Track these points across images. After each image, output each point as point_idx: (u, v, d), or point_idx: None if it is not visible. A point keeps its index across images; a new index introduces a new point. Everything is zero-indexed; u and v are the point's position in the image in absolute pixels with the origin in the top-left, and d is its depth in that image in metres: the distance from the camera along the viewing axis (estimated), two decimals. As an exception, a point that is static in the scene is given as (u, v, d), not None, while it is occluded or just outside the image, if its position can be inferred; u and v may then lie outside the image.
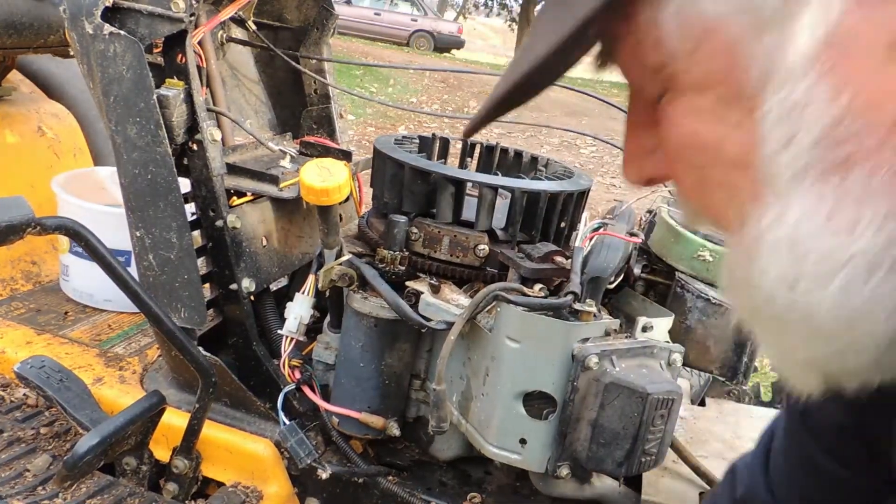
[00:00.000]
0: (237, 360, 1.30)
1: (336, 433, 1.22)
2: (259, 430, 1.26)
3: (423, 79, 11.26)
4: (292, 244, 1.42)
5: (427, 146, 1.40)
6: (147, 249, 1.19)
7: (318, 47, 1.58)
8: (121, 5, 1.11)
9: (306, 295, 1.24)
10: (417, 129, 8.13)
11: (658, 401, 0.97)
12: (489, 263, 1.15)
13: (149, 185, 1.16)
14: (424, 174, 1.15)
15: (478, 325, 1.07)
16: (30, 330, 1.52)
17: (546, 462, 1.04)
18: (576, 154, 8.37)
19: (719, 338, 1.10)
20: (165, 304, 1.19)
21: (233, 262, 1.23)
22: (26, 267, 1.80)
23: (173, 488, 1.24)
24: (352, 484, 1.22)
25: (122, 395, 1.33)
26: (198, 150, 1.19)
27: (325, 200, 1.15)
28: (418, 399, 1.22)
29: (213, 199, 1.21)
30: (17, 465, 1.19)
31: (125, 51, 1.10)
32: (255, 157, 1.36)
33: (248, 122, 1.51)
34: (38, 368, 1.18)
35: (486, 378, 1.04)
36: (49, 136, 1.96)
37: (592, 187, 1.27)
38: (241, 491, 1.22)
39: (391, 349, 1.16)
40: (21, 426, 1.28)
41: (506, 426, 1.03)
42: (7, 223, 0.90)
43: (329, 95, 1.61)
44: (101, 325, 1.61)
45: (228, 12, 1.28)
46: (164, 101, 1.12)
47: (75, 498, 1.14)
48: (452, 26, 19.11)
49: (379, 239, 1.17)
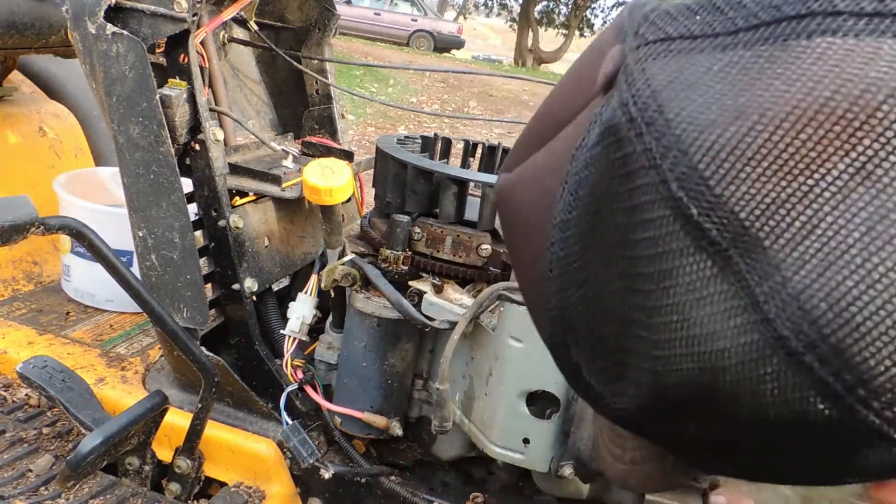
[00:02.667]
0: (239, 360, 1.30)
1: (338, 433, 1.22)
2: (261, 429, 1.26)
3: (423, 79, 11.27)
4: (294, 244, 1.42)
5: (429, 146, 1.40)
6: (149, 249, 1.19)
7: (320, 47, 1.58)
8: (123, 5, 1.11)
9: (309, 295, 1.24)
10: (417, 129, 8.13)
11: (661, 400, 0.97)
12: (492, 263, 1.15)
13: (151, 185, 1.16)
14: (427, 174, 1.15)
15: (481, 325, 1.07)
16: (31, 330, 1.52)
17: (549, 462, 1.04)
18: (576, 154, 8.35)
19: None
20: (168, 304, 1.19)
21: (235, 262, 1.23)
22: (28, 267, 1.80)
23: (176, 488, 1.24)
24: (354, 484, 1.22)
25: (124, 396, 1.33)
26: (200, 150, 1.19)
27: (328, 200, 1.15)
28: (421, 399, 1.22)
29: (216, 199, 1.21)
30: (19, 466, 1.19)
31: (128, 51, 1.10)
32: (258, 157, 1.36)
33: (250, 123, 1.51)
34: (40, 368, 1.18)
35: (490, 378, 1.05)
36: (50, 137, 1.96)
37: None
38: (244, 491, 1.22)
39: (394, 349, 1.16)
40: (23, 426, 1.28)
41: (509, 426, 1.03)
42: (11, 223, 0.90)
43: (330, 95, 1.61)
44: (103, 326, 1.61)
45: (230, 12, 1.28)
46: (166, 100, 1.12)
47: (78, 498, 1.14)
48: (452, 26, 19.12)
49: (381, 239, 1.17)
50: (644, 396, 0.39)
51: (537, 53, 21.50)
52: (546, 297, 0.42)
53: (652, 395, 0.38)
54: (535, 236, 0.43)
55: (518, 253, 0.48)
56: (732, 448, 0.38)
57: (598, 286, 0.39)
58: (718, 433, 0.37)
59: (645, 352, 0.37)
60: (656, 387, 0.38)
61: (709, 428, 0.37)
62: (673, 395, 0.37)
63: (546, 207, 0.41)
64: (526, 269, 0.46)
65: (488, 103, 10.88)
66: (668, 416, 0.39)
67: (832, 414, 0.31)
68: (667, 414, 0.38)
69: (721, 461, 0.41)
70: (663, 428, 0.41)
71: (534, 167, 0.45)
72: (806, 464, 0.36)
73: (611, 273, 0.38)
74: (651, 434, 0.43)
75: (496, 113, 10.24)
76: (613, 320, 0.39)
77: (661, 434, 0.42)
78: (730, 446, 0.38)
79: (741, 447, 0.37)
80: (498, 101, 11.17)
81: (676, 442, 0.41)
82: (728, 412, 0.35)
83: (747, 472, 0.40)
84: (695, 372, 0.35)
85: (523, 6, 22.10)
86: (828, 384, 0.31)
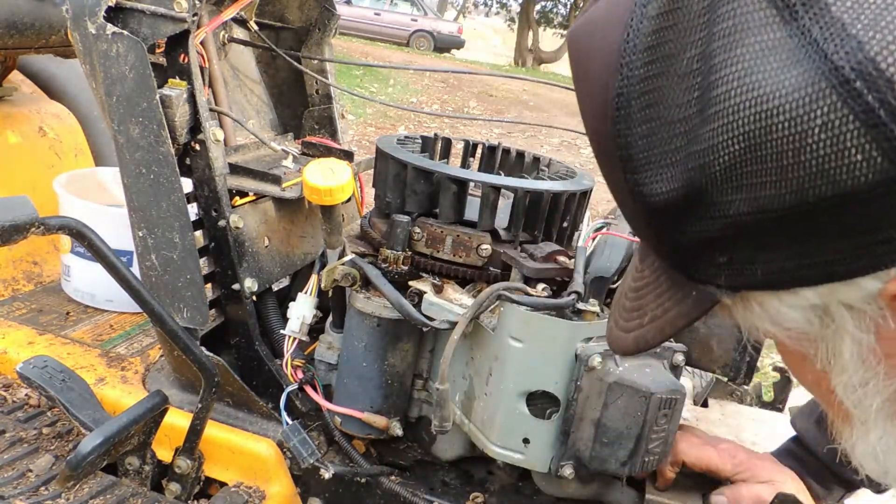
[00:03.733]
0: (239, 360, 1.30)
1: (338, 433, 1.22)
2: (261, 430, 1.26)
3: (423, 79, 11.27)
4: (294, 244, 1.42)
5: (429, 146, 1.40)
6: (149, 249, 1.19)
7: (320, 47, 1.58)
8: (123, 5, 1.11)
9: (309, 295, 1.24)
10: (417, 129, 8.13)
11: (661, 400, 0.97)
12: (492, 263, 1.15)
13: (151, 185, 1.16)
14: (427, 174, 1.15)
15: (481, 325, 1.07)
16: (31, 330, 1.52)
17: (549, 462, 1.04)
18: (576, 154, 8.37)
19: (722, 337, 1.11)
20: (168, 304, 1.19)
21: (235, 262, 1.23)
22: (27, 267, 1.80)
23: (176, 488, 1.24)
24: (354, 484, 1.22)
25: (124, 396, 1.33)
26: (200, 150, 1.19)
27: (328, 200, 1.15)
28: (421, 399, 1.22)
29: (216, 199, 1.21)
30: (19, 466, 1.19)
31: (128, 51, 1.10)
32: (258, 158, 1.36)
33: (250, 123, 1.51)
34: (40, 368, 1.18)
35: (490, 378, 1.05)
36: (50, 137, 1.96)
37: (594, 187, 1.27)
38: (244, 491, 1.22)
39: (394, 349, 1.16)
40: (23, 426, 1.28)
41: (509, 426, 1.03)
42: (11, 223, 0.90)
43: (331, 96, 1.61)
44: (103, 326, 1.61)
45: (230, 12, 1.28)
46: (166, 101, 1.12)
47: (78, 498, 1.14)
48: (452, 26, 19.13)
49: (381, 239, 1.17)
50: (693, 171, 0.43)
51: (537, 53, 21.51)
52: (611, 84, 0.48)
53: (701, 168, 0.43)
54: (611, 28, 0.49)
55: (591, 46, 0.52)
56: (768, 227, 0.42)
57: (669, 60, 0.45)
58: (759, 204, 0.41)
59: (702, 119, 0.42)
60: (707, 156, 0.42)
61: (749, 200, 0.41)
62: (723, 159, 0.41)
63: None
64: (595, 61, 0.51)
65: (488, 103, 10.88)
66: (717, 192, 0.43)
67: (869, 150, 0.36)
68: (717, 188, 0.43)
69: (753, 247, 0.44)
70: (707, 210, 0.44)
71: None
72: (835, 240, 0.41)
73: (690, 38, 0.44)
74: (691, 222, 0.46)
75: (496, 113, 10.24)
76: (679, 89, 0.44)
77: (702, 220, 0.45)
78: (766, 224, 0.42)
79: (781, 223, 0.41)
80: (498, 101, 11.16)
81: (716, 227, 0.45)
82: (773, 169, 0.40)
83: (779, 260, 0.44)
84: (749, 122, 0.40)
85: (523, 6, 22.10)
86: (873, 111, 0.36)
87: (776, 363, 1.95)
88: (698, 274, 0.50)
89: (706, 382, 1.48)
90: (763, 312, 0.49)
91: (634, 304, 0.59)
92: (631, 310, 0.60)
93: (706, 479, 1.13)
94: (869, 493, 1.17)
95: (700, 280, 0.50)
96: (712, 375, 1.48)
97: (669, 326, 0.56)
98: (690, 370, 1.42)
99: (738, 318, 0.52)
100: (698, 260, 0.49)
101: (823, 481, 1.14)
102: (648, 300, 0.58)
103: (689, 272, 0.51)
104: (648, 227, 0.52)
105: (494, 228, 1.17)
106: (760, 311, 0.49)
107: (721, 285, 0.49)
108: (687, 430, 1.16)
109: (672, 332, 0.56)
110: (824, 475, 1.14)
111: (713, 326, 1.10)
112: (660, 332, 0.56)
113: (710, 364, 1.13)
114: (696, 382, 1.46)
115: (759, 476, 1.08)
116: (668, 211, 0.47)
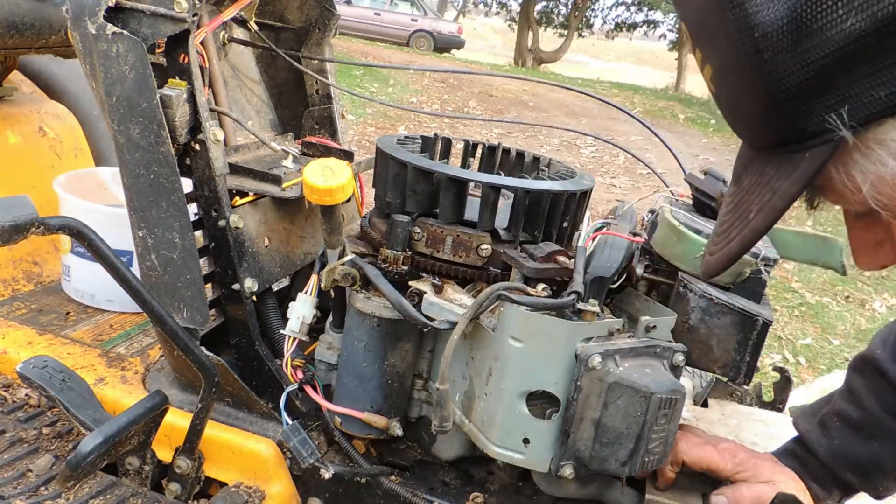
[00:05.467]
0: (239, 360, 1.30)
1: (338, 433, 1.22)
2: (261, 430, 1.26)
3: (423, 79, 11.26)
4: (294, 244, 1.42)
5: (429, 146, 1.40)
6: (149, 249, 1.19)
7: (320, 47, 1.58)
8: (123, 5, 1.11)
9: (309, 295, 1.24)
10: (417, 129, 8.13)
11: (661, 400, 0.97)
12: (492, 263, 1.15)
13: (151, 185, 1.16)
14: (427, 174, 1.15)
15: (481, 325, 1.07)
16: (31, 330, 1.52)
17: (549, 462, 1.04)
18: (576, 154, 8.37)
19: (722, 337, 1.10)
20: (168, 304, 1.19)
21: (235, 262, 1.23)
22: (28, 267, 1.80)
23: (176, 488, 1.24)
24: (354, 484, 1.22)
25: (124, 396, 1.33)
26: (200, 150, 1.19)
27: (328, 200, 1.15)
28: (421, 399, 1.22)
29: (216, 199, 1.21)
30: (19, 466, 1.19)
31: (128, 51, 1.10)
32: (258, 158, 1.36)
33: (250, 123, 1.52)
34: (40, 368, 1.18)
35: (490, 378, 1.05)
36: (50, 137, 1.96)
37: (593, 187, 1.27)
38: (244, 491, 1.22)
39: (394, 349, 1.16)
40: (23, 426, 1.28)
41: (509, 426, 1.03)
42: (11, 223, 0.90)
43: (331, 96, 1.61)
44: (103, 326, 1.61)
45: (230, 13, 1.28)
46: (166, 101, 1.13)
47: (78, 498, 1.14)
48: (452, 26, 19.12)
49: (381, 239, 1.17)
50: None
51: (537, 53, 21.50)
52: None
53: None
54: None
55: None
56: (889, 45, 0.44)
57: None
58: (877, 19, 0.44)
59: None
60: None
61: (866, 19, 0.44)
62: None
63: None
64: None
65: (488, 103, 10.88)
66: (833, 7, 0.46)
67: None
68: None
69: (874, 69, 0.46)
70: (821, 33, 0.47)
71: None
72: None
73: None
74: (809, 49, 0.48)
75: (496, 113, 10.24)
76: None
77: (819, 43, 0.47)
78: (887, 42, 0.44)
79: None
80: (498, 101, 11.16)
81: (835, 47, 0.47)
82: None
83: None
84: None
85: (522, 6, 22.09)
86: None
87: (776, 363, 1.95)
88: (815, 125, 0.51)
89: (706, 382, 1.48)
90: (883, 150, 0.49)
91: (731, 217, 0.62)
92: (723, 232, 0.62)
93: (706, 479, 1.14)
94: (868, 498, 1.17)
95: (816, 132, 0.51)
96: (712, 375, 1.48)
97: (781, 200, 0.56)
98: (690, 370, 1.42)
99: (854, 169, 0.53)
100: (815, 102, 0.49)
101: (823, 483, 1.14)
102: (752, 199, 0.59)
103: (805, 128, 0.51)
104: (764, 85, 0.52)
105: (494, 228, 1.17)
106: (880, 149, 0.50)
107: (844, 124, 0.49)
108: (687, 430, 1.16)
109: (784, 206, 0.57)
110: (825, 477, 1.14)
111: (713, 326, 1.10)
112: (771, 212, 0.57)
113: (710, 364, 1.13)
114: (696, 382, 1.46)
115: (760, 476, 1.08)
116: (780, 40, 0.48)
